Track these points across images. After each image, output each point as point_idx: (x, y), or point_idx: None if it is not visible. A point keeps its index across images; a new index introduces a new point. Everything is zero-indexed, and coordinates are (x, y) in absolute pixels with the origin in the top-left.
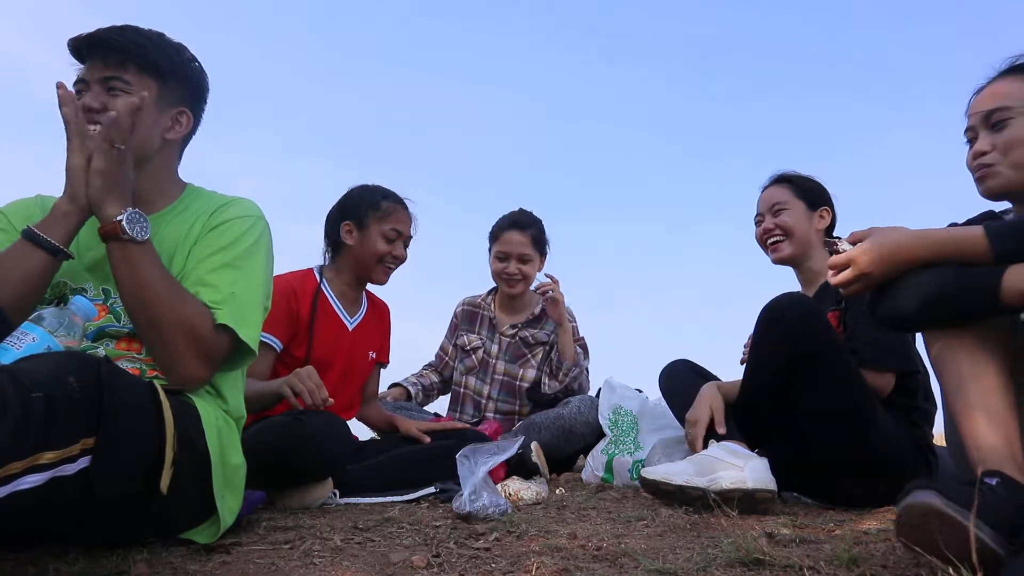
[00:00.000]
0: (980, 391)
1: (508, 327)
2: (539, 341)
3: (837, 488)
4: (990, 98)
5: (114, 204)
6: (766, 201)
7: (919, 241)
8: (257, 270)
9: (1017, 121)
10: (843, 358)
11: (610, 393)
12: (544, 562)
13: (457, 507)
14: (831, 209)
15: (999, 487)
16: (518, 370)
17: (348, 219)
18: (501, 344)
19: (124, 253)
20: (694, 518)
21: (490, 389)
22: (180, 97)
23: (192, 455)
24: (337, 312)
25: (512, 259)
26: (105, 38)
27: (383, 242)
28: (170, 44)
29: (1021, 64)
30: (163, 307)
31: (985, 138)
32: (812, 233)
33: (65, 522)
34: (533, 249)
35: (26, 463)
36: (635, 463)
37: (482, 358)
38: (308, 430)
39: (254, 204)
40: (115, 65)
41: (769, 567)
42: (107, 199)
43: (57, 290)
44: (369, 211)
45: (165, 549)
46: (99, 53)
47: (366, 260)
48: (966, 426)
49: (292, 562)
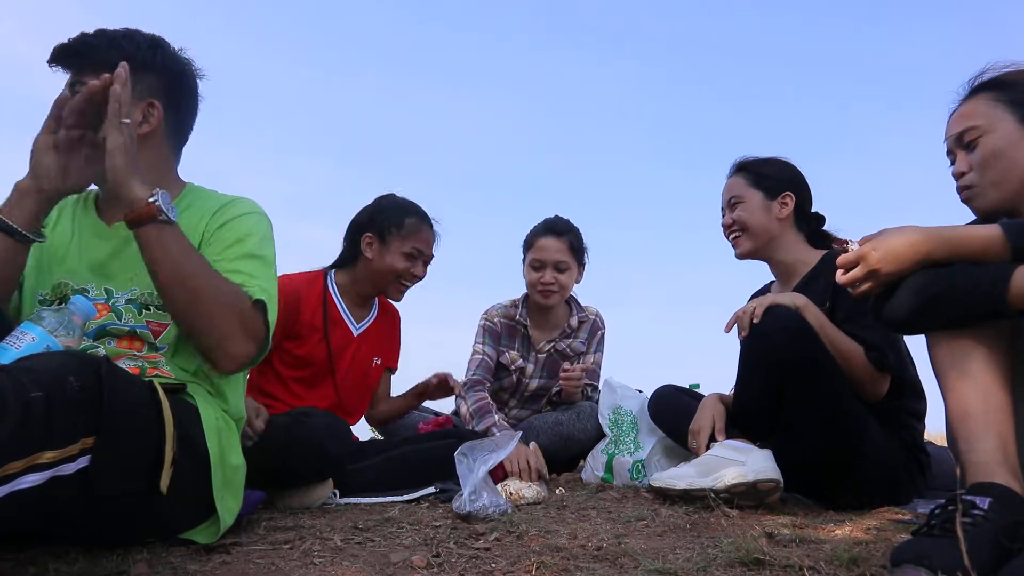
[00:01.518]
0: (979, 393)
1: (544, 343)
2: (576, 352)
3: (833, 491)
4: (959, 120)
5: (142, 185)
6: (725, 194)
7: (931, 238)
8: (272, 261)
9: (986, 139)
10: (828, 374)
11: (610, 393)
12: (544, 562)
13: (457, 507)
14: (795, 194)
15: (991, 511)
16: (553, 384)
17: (371, 231)
18: (537, 362)
19: (160, 235)
20: (694, 518)
21: (512, 400)
22: (146, 89)
23: (192, 455)
24: (343, 317)
25: (548, 267)
26: (66, 46)
27: (403, 260)
28: (135, 38)
29: (983, 82)
30: (205, 286)
31: (962, 159)
32: (772, 224)
33: (64, 522)
34: (571, 256)
35: (25, 462)
36: (635, 463)
37: (519, 378)
38: (308, 430)
39: (254, 202)
40: (77, 71)
41: (769, 567)
42: (132, 180)
43: (58, 291)
44: (393, 228)
45: (165, 549)
46: (64, 61)
47: (383, 275)
48: (961, 429)
49: (292, 562)
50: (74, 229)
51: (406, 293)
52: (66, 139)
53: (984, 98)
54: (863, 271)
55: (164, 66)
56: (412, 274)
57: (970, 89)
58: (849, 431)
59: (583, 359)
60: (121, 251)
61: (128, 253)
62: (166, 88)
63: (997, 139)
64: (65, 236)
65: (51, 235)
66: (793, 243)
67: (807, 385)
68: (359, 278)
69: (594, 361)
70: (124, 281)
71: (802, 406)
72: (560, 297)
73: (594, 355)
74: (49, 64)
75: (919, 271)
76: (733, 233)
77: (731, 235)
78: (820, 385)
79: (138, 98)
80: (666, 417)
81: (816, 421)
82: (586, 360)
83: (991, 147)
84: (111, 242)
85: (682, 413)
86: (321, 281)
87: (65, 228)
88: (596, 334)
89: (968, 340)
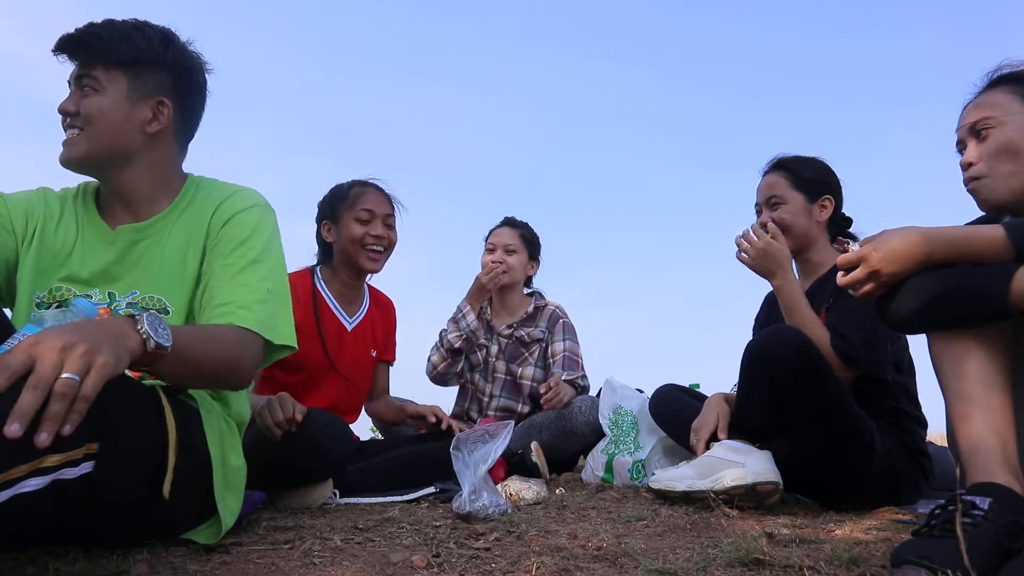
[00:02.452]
0: (979, 393)
1: (504, 327)
2: (535, 339)
3: (835, 495)
4: (974, 110)
5: (120, 352)
6: (763, 191)
7: (932, 239)
8: (281, 261)
9: (999, 130)
10: (831, 389)
11: (610, 393)
12: (544, 562)
13: (457, 507)
14: (833, 197)
15: (991, 511)
16: (517, 369)
17: (326, 218)
18: (500, 344)
19: (169, 360)
20: (694, 518)
21: (492, 387)
22: (157, 86)
23: (193, 458)
24: (335, 313)
25: (498, 250)
26: (73, 36)
27: (358, 225)
28: (147, 32)
29: (1003, 75)
30: (204, 367)
31: (972, 149)
32: (812, 226)
33: (66, 524)
34: (520, 243)
35: (30, 466)
36: (635, 463)
37: (484, 357)
38: (309, 431)
39: (257, 192)
40: (83, 63)
41: (769, 567)
42: (114, 358)
43: (55, 295)
44: (339, 203)
45: (165, 549)
46: (70, 52)
47: (347, 249)
48: (962, 428)
49: (292, 562)
50: (79, 231)
51: (384, 262)
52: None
53: (1002, 91)
54: (864, 272)
55: (175, 62)
56: (373, 236)
57: (989, 81)
58: (852, 443)
59: (551, 349)
60: (125, 255)
61: (131, 257)
62: (176, 84)
63: (1010, 131)
64: (69, 237)
65: (54, 234)
66: (824, 244)
67: (810, 403)
68: (337, 267)
69: (566, 349)
70: (127, 284)
71: (805, 422)
72: (509, 278)
73: (564, 343)
74: (54, 53)
75: (921, 272)
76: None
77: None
78: (823, 402)
79: (145, 97)
80: (667, 416)
81: (819, 435)
82: (554, 376)
83: (1003, 139)
84: (115, 246)
85: (683, 413)
86: (309, 279)
87: (69, 228)
88: (557, 322)
89: (968, 340)
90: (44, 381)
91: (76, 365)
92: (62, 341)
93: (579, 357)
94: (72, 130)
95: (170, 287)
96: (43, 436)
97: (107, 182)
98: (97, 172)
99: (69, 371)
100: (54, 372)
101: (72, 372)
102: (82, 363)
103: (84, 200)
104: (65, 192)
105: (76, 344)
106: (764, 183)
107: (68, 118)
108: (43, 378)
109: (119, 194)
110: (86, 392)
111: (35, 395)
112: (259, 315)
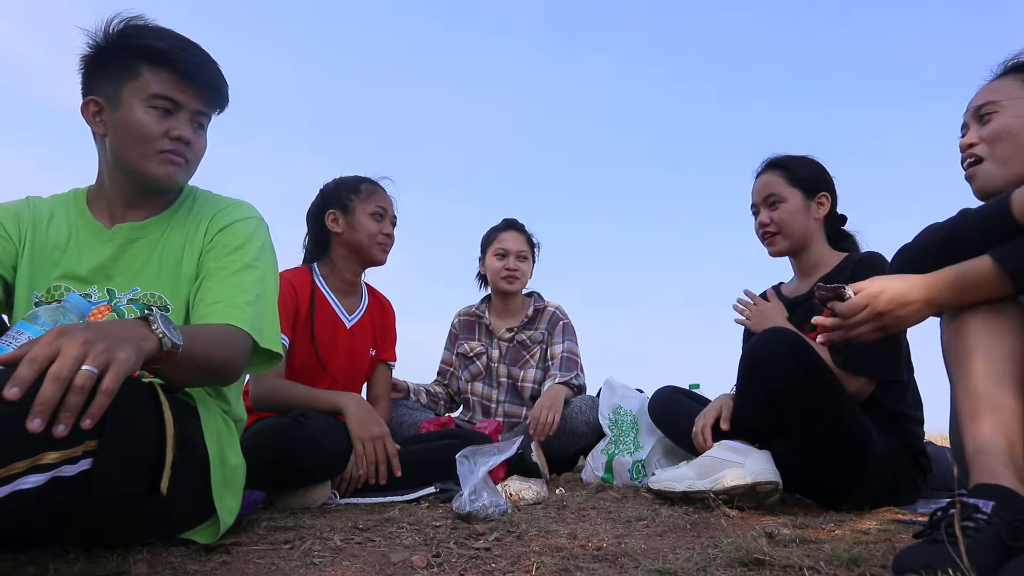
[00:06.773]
0: (988, 391)
1: (504, 331)
2: (536, 341)
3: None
4: (982, 94)
5: (138, 351)
6: (760, 191)
7: (929, 282)
8: (272, 270)
9: (1002, 114)
10: (829, 391)
11: (610, 393)
12: (544, 562)
13: (457, 507)
14: (830, 194)
15: (994, 515)
16: (519, 372)
17: (332, 208)
18: (501, 348)
19: (174, 360)
20: (694, 518)
21: (497, 393)
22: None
23: (191, 456)
24: (335, 309)
25: (511, 256)
26: (207, 74)
27: (372, 221)
28: (224, 79)
29: (1017, 63)
30: (202, 365)
31: (973, 131)
32: (810, 224)
33: (64, 522)
34: (528, 249)
35: (29, 463)
36: (635, 463)
37: (486, 363)
38: (308, 431)
39: (252, 206)
40: (206, 102)
41: (769, 567)
42: (134, 356)
43: (57, 294)
44: (352, 195)
45: (165, 549)
46: (194, 83)
47: (360, 242)
48: (969, 427)
49: (292, 562)
50: (71, 230)
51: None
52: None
53: (1013, 78)
54: (870, 315)
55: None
56: (385, 235)
57: (1003, 69)
58: (851, 444)
59: (551, 351)
60: (123, 253)
61: (130, 254)
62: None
63: (1013, 117)
64: (61, 237)
65: (46, 234)
66: (821, 242)
67: (807, 405)
68: (338, 261)
69: (565, 350)
70: (126, 281)
71: (803, 423)
72: (521, 284)
73: (563, 344)
74: (163, 58)
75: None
76: (770, 232)
77: (767, 235)
78: (821, 405)
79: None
80: (666, 419)
81: (817, 435)
82: (552, 377)
83: (1004, 123)
84: (112, 244)
85: (682, 415)
86: (308, 276)
87: (61, 227)
88: (557, 324)
89: (980, 335)
90: (65, 372)
91: (98, 359)
92: (84, 336)
93: (578, 357)
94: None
95: (169, 285)
96: (60, 428)
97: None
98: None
99: (89, 364)
100: (76, 364)
101: (92, 365)
102: (103, 358)
103: (75, 202)
104: (54, 197)
105: (97, 340)
106: (760, 183)
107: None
108: (64, 369)
109: (126, 195)
110: (107, 386)
111: (56, 386)
112: (249, 316)
